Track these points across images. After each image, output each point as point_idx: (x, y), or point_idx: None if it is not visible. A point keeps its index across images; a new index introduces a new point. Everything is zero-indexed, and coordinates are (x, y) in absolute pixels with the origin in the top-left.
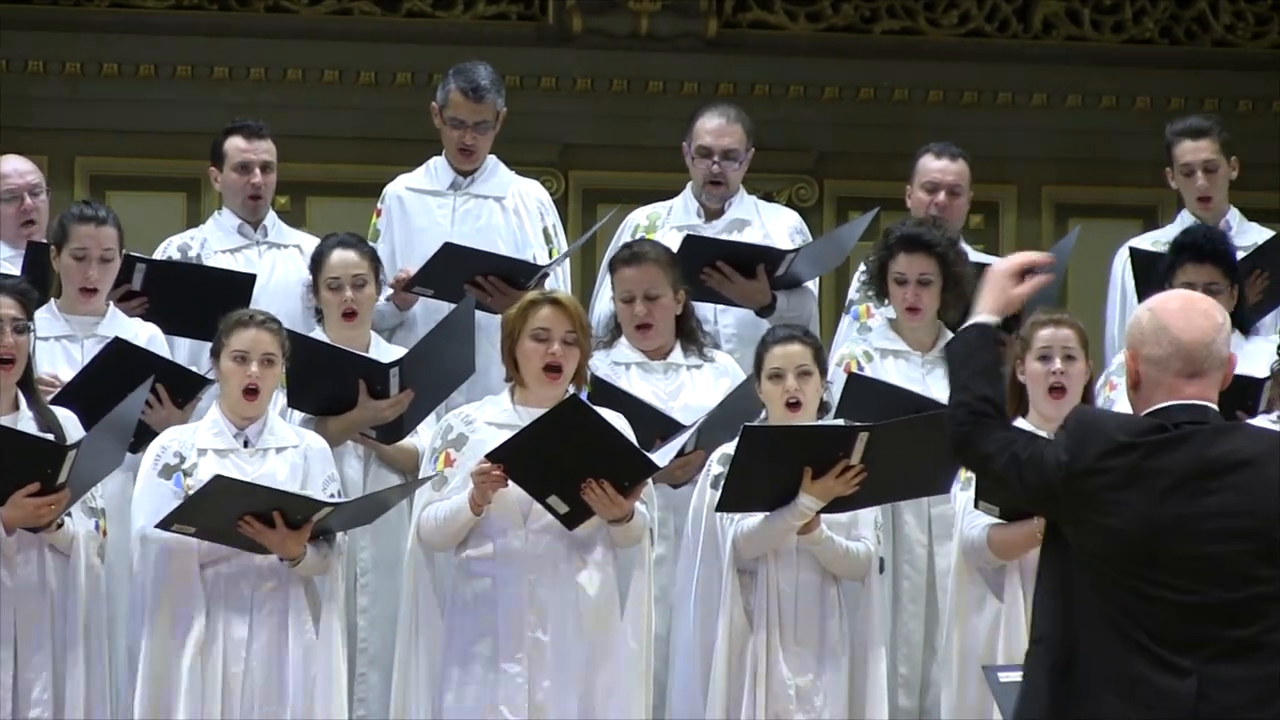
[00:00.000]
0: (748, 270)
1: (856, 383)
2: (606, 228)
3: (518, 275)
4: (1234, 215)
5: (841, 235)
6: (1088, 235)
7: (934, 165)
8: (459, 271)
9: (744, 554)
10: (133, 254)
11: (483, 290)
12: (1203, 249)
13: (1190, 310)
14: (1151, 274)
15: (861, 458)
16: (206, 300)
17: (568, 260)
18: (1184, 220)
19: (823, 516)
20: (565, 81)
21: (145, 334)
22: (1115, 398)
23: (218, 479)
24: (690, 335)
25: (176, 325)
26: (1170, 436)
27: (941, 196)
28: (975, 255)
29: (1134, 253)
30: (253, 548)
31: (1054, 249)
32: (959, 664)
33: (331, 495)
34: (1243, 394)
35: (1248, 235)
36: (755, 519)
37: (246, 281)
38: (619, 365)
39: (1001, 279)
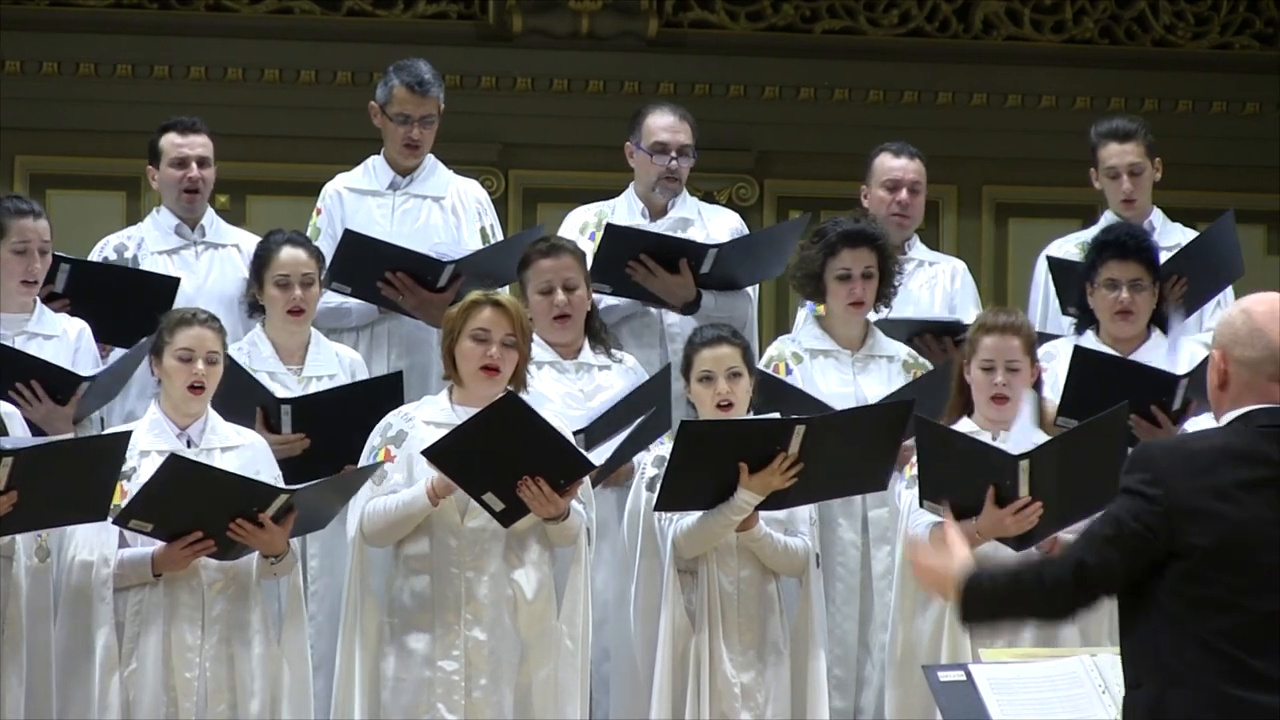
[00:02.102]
0: (671, 265)
1: (767, 382)
2: (549, 229)
3: (425, 272)
4: (1157, 216)
5: (775, 236)
6: (1028, 234)
7: (895, 163)
8: (368, 265)
9: (684, 553)
10: (57, 254)
11: (394, 288)
12: (1126, 246)
13: None
14: (1069, 279)
15: (800, 449)
16: (128, 302)
17: None
18: (1108, 221)
19: (760, 514)
20: (505, 81)
21: (75, 329)
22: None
23: (172, 457)
24: (596, 335)
25: (96, 328)
26: (1259, 447)
27: (904, 194)
28: (926, 252)
29: (1050, 261)
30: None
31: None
32: (904, 664)
33: None
34: (1160, 390)
35: (1171, 236)
36: (694, 517)
37: (170, 285)
38: (534, 364)
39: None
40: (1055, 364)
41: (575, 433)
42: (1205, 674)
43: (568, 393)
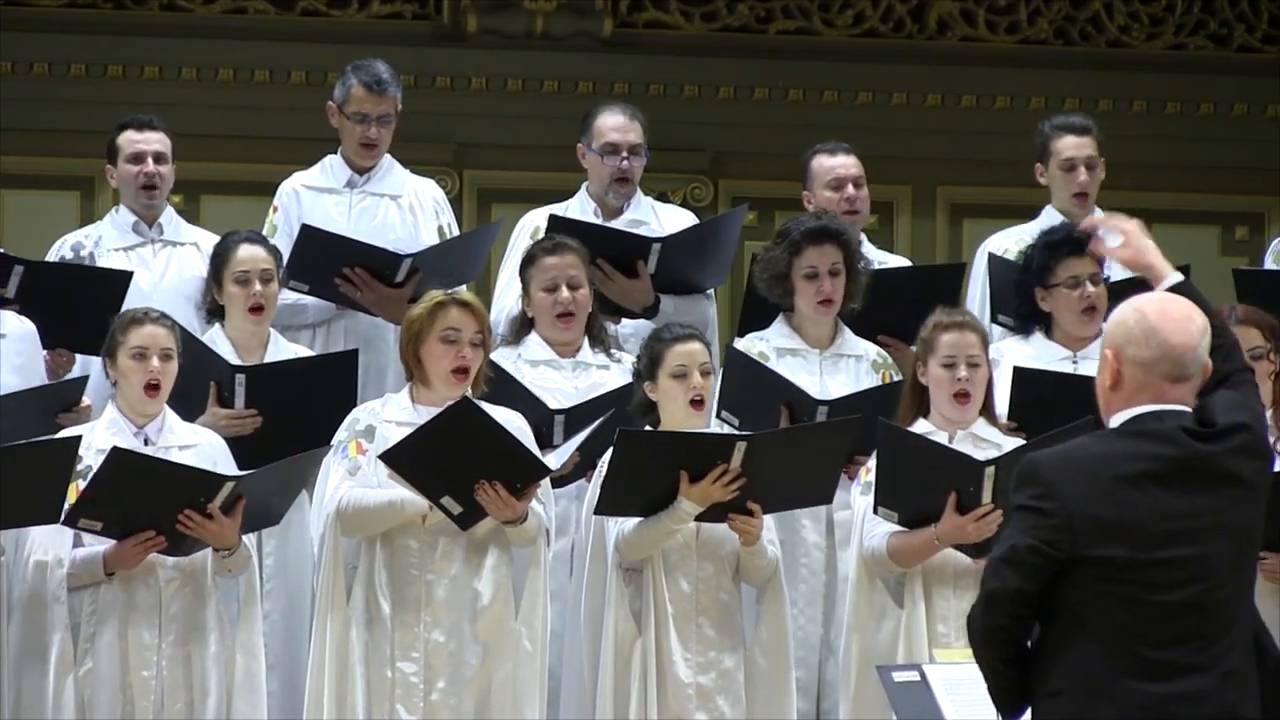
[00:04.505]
0: (629, 270)
1: (746, 366)
2: (501, 232)
3: (383, 267)
4: (1098, 214)
5: (717, 227)
6: (983, 234)
7: (834, 161)
8: (325, 261)
9: (625, 557)
10: (11, 255)
11: (351, 284)
12: (1081, 241)
13: (1177, 314)
14: (1006, 285)
15: (742, 466)
16: (81, 300)
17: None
18: (1049, 216)
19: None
20: (460, 81)
21: (21, 332)
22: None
23: (114, 450)
24: (596, 335)
25: (48, 330)
26: (1142, 447)
27: (850, 189)
28: (876, 252)
29: (991, 260)
30: (169, 540)
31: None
32: (858, 672)
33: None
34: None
35: (1116, 236)
36: (635, 521)
37: (122, 279)
38: (529, 363)
39: None
40: (1002, 365)
41: (556, 413)
42: (1118, 674)
43: (560, 389)
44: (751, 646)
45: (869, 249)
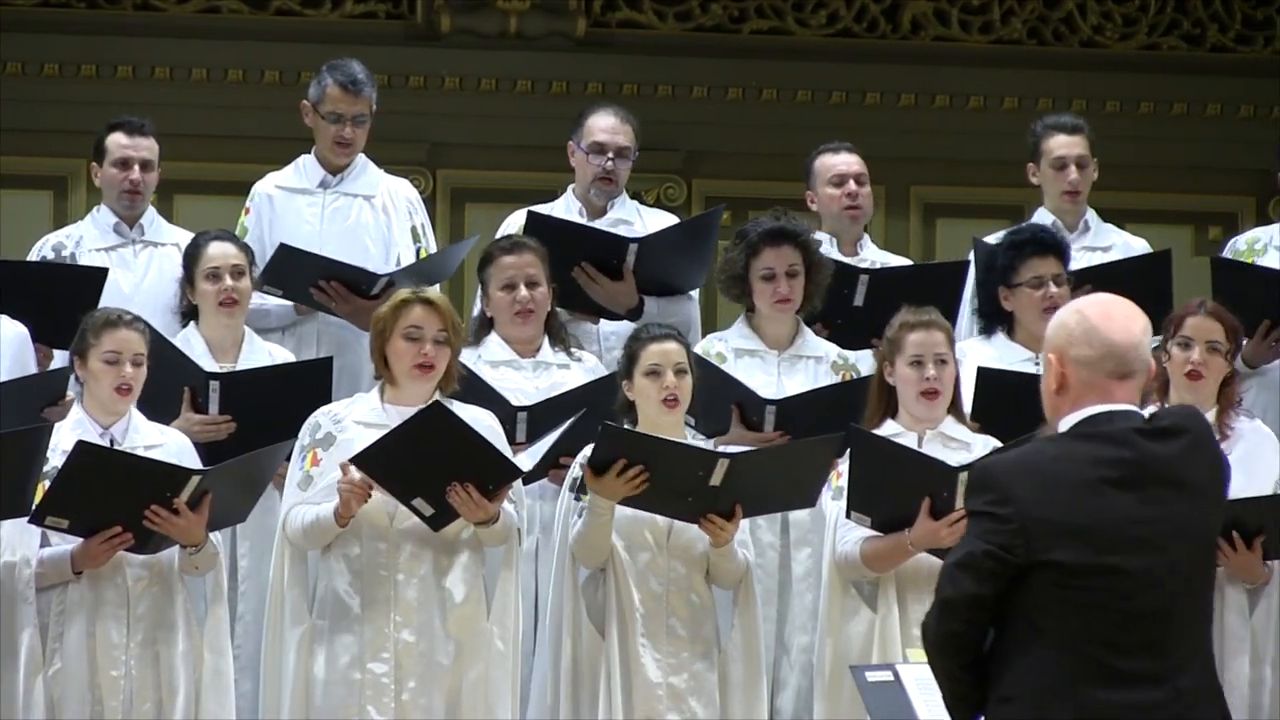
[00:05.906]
0: (613, 272)
1: (706, 370)
2: (484, 233)
3: (359, 282)
4: (1091, 215)
5: (694, 228)
6: (956, 234)
7: (836, 159)
8: (300, 273)
9: (581, 560)
10: None
11: (325, 295)
12: (1045, 242)
13: (1117, 312)
14: (991, 266)
15: (722, 482)
16: (57, 298)
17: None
18: (1042, 217)
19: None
20: (434, 80)
21: (11, 333)
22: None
23: (79, 444)
24: (556, 334)
25: (28, 328)
26: (1101, 451)
27: (851, 185)
28: (877, 253)
29: (976, 243)
30: (136, 537)
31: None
32: (832, 673)
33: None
34: None
35: (1105, 236)
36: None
37: (98, 276)
38: (489, 363)
39: None
40: (965, 365)
41: (519, 410)
42: (1073, 680)
43: (521, 389)
44: (726, 648)
45: (871, 249)
